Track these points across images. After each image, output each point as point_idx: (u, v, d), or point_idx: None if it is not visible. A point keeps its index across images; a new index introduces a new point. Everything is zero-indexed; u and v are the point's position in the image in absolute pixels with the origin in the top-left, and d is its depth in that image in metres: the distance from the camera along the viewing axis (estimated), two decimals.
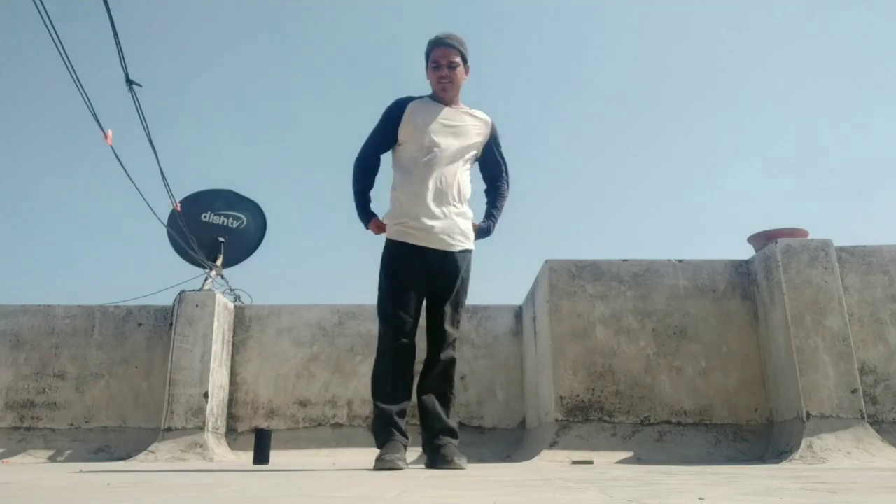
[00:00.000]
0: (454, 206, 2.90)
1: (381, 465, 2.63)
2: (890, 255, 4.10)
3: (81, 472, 2.77)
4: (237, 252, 5.94)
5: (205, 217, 5.95)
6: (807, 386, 3.61)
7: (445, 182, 2.88)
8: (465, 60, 2.97)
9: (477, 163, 3.10)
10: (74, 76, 3.48)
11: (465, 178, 2.98)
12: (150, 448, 4.56)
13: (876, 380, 3.86)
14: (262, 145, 13.36)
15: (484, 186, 3.17)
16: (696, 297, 4.27)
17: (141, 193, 4.61)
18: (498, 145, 3.11)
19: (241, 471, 2.86)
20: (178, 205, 5.51)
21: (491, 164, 3.12)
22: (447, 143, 2.91)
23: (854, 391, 3.60)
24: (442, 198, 2.87)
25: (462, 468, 2.68)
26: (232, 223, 6.01)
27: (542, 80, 13.28)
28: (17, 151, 11.03)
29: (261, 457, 4.21)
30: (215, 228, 5.92)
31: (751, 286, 4.28)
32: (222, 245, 5.82)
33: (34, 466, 3.78)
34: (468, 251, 2.95)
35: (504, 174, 3.14)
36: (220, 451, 4.73)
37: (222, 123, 12.94)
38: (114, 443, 4.94)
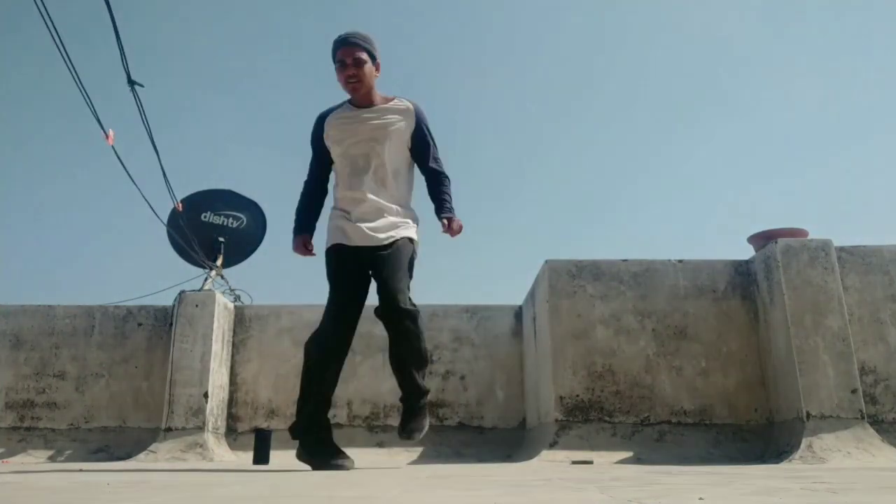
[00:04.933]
0: (389, 204, 2.89)
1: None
2: (890, 255, 4.10)
3: (81, 471, 2.77)
4: (237, 252, 5.94)
5: (205, 217, 5.95)
6: (807, 386, 3.61)
7: (377, 181, 2.88)
8: (373, 57, 2.90)
9: (409, 151, 3.02)
10: (75, 76, 3.48)
11: (398, 174, 2.96)
12: (150, 448, 4.56)
13: (876, 380, 3.86)
14: (263, 145, 13.37)
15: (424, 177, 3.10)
16: (696, 297, 4.27)
17: (142, 193, 4.61)
18: (426, 128, 3.02)
19: (241, 471, 2.86)
20: (180, 204, 5.51)
21: (420, 147, 3.02)
22: (369, 146, 2.89)
23: (854, 391, 3.60)
24: (374, 197, 2.86)
25: (410, 440, 2.94)
26: (232, 223, 6.01)
27: (543, 80, 13.29)
28: (17, 151, 11.04)
29: (261, 457, 4.20)
30: (215, 228, 5.92)
31: (751, 286, 4.28)
32: (222, 245, 5.83)
33: (34, 466, 3.78)
34: (401, 239, 2.87)
35: (432, 152, 3.04)
36: (220, 451, 4.73)
37: (223, 123, 12.95)
38: (114, 443, 4.94)
